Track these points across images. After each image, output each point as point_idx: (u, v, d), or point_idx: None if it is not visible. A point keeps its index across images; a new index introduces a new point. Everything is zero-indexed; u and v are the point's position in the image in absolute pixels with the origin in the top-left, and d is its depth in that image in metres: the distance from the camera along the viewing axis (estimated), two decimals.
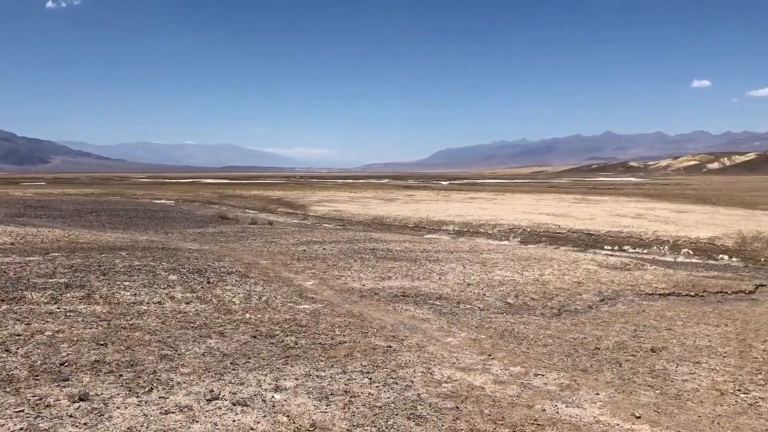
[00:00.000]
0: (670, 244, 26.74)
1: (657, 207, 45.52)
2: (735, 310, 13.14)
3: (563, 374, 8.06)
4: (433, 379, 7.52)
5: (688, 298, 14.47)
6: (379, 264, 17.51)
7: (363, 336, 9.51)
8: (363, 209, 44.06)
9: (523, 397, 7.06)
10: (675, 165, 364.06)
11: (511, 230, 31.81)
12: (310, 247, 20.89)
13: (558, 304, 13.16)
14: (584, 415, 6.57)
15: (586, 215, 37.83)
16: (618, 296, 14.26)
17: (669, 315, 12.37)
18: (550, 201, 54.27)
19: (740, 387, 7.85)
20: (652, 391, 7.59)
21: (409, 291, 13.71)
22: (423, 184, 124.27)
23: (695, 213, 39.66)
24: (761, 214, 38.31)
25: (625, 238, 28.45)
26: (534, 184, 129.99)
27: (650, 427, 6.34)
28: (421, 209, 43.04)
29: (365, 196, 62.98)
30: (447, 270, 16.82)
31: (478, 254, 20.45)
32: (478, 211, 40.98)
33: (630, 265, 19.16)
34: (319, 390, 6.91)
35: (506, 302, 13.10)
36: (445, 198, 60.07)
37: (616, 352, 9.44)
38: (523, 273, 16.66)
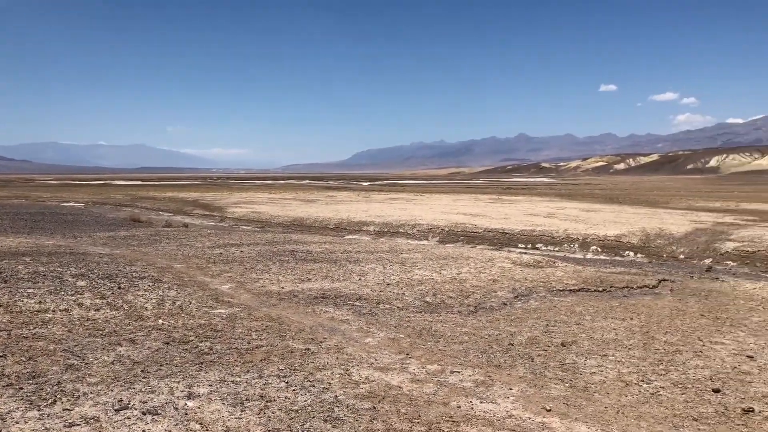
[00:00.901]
0: (580, 241, 27.83)
1: (567, 206, 47.31)
2: (640, 304, 13.78)
3: (478, 370, 8.24)
4: (351, 381, 7.52)
5: (596, 294, 15.07)
6: (299, 266, 17.37)
7: (281, 339, 9.40)
8: (282, 211, 43.63)
9: (440, 395, 7.16)
10: (584, 166, 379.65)
11: (430, 230, 32.29)
12: (227, 250, 20.48)
13: (474, 301, 13.45)
14: (497, 410, 6.74)
15: (501, 215, 38.87)
16: (531, 293, 14.70)
17: (578, 310, 12.86)
18: (467, 201, 55.45)
19: (643, 378, 8.26)
20: (562, 384, 7.87)
21: (328, 292, 13.67)
22: (344, 184, 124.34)
23: (603, 212, 41.46)
24: (663, 212, 40.48)
25: (537, 237, 29.41)
26: (452, 184, 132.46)
27: (560, 419, 6.57)
28: (342, 210, 43.04)
29: (285, 198, 62.39)
30: (367, 270, 16.88)
31: (398, 254, 20.63)
32: (398, 212, 41.36)
33: (542, 262, 19.81)
34: (234, 396, 6.78)
35: (425, 301, 13.27)
36: (365, 199, 60.31)
37: (528, 347, 9.74)
38: (442, 272, 16.93)
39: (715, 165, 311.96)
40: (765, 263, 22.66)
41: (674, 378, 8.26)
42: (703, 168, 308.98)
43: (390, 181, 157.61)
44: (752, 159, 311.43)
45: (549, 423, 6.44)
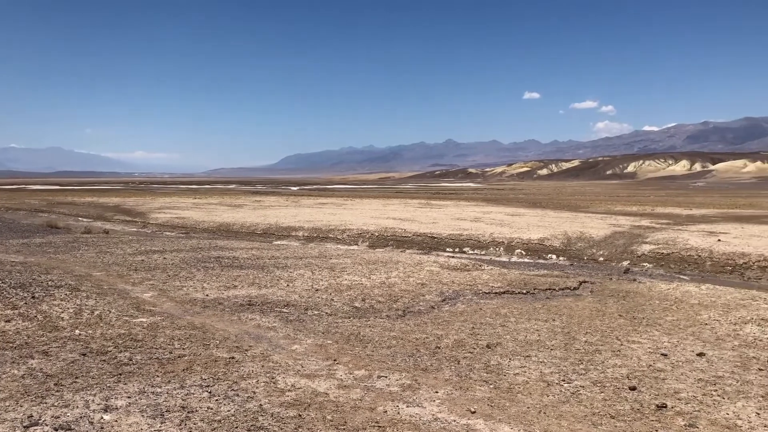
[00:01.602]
0: (505, 245, 28.47)
1: (493, 211, 48.34)
2: (561, 305, 14.18)
3: (405, 374, 8.27)
4: (277, 389, 7.40)
5: (520, 296, 15.42)
6: (225, 273, 17.02)
7: (204, 348, 9.17)
8: (208, 216, 42.73)
9: (366, 400, 7.15)
10: (509, 171, 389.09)
11: (360, 235, 32.31)
12: (149, 257, 19.85)
13: (403, 305, 13.51)
14: (423, 414, 6.78)
15: (429, 219, 39.32)
16: (458, 296, 14.89)
17: (504, 312, 13.12)
18: (397, 206, 55.84)
19: (564, 377, 8.49)
20: (487, 385, 8.00)
21: (255, 299, 13.45)
22: (272, 189, 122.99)
23: (527, 216, 42.58)
24: (584, 216, 41.92)
25: (465, 241, 29.89)
26: (382, 189, 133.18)
27: (484, 421, 6.66)
28: (270, 215, 42.53)
29: (210, 203, 61.12)
30: (295, 276, 16.71)
31: (327, 259, 20.53)
32: (327, 217, 41.20)
33: (469, 266, 20.13)
34: (153, 407, 6.55)
35: (353, 306, 13.23)
36: (294, 204, 59.82)
37: (455, 349, 9.85)
38: (371, 277, 16.94)
39: (632, 170, 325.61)
40: (678, 265, 23.78)
41: (593, 377, 8.53)
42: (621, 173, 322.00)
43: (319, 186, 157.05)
44: (666, 165, 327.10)
45: (474, 425, 6.52)
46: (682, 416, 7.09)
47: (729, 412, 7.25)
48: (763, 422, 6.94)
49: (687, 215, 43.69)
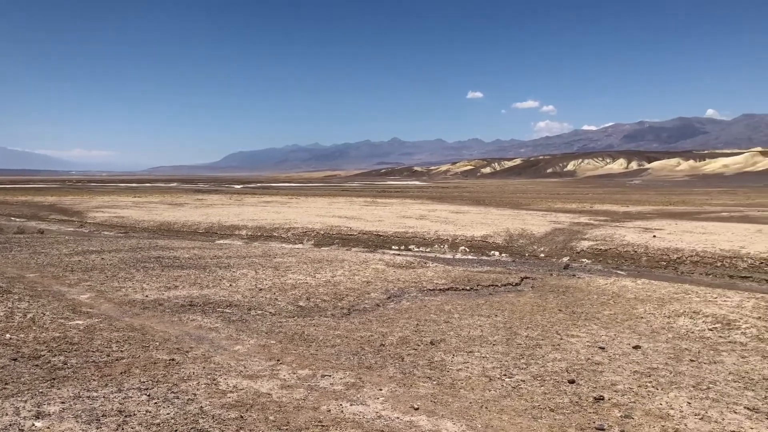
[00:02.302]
0: (450, 242, 28.76)
1: (438, 208, 48.80)
2: (504, 301, 14.42)
3: (349, 373, 8.26)
4: (218, 390, 7.27)
5: (464, 292, 15.60)
6: (165, 273, 16.65)
7: (143, 350, 8.94)
8: (148, 215, 41.71)
9: (310, 400, 7.10)
10: (454, 170, 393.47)
11: (305, 233, 32.10)
12: (86, 257, 19.24)
13: (348, 304, 13.49)
14: (367, 412, 6.78)
15: (375, 217, 39.39)
16: (403, 293, 14.97)
17: (447, 309, 13.25)
18: (343, 204, 55.75)
19: (506, 372, 8.63)
20: (430, 382, 8.06)
21: (197, 300, 13.19)
22: (215, 187, 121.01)
23: (471, 213, 43.14)
24: (526, 214, 42.74)
25: (410, 238, 30.07)
26: (327, 187, 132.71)
27: (427, 417, 6.71)
28: (213, 214, 41.83)
29: (151, 201, 59.70)
30: (239, 276, 16.48)
31: (272, 258, 20.32)
32: (272, 215, 40.79)
33: (414, 263, 20.26)
34: (89, 412, 6.34)
35: (298, 305, 13.13)
36: (237, 202, 58.99)
37: (399, 347, 9.89)
38: (316, 275, 16.85)
39: (572, 169, 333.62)
40: (616, 260, 24.49)
41: (534, 371, 8.70)
42: (561, 172, 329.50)
43: (264, 184, 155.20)
44: (604, 163, 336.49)
45: (417, 421, 6.56)
46: (618, 408, 7.30)
47: (662, 402, 7.50)
48: (693, 411, 7.21)
49: (624, 212, 45.09)
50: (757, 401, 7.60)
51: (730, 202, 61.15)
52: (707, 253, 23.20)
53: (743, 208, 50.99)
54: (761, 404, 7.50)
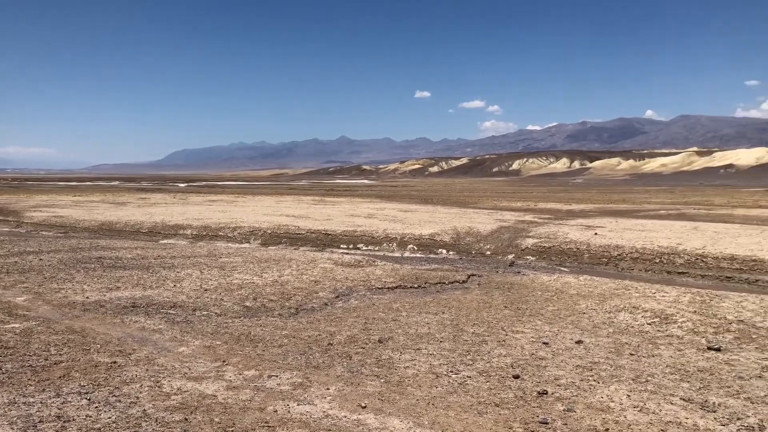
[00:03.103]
0: (398, 240, 28.88)
1: (387, 207, 48.95)
2: (451, 298, 14.57)
3: (296, 373, 8.21)
4: (162, 393, 7.13)
5: (412, 290, 15.70)
6: (107, 273, 16.21)
7: (84, 353, 8.68)
8: (89, 214, 40.51)
9: (256, 401, 7.03)
10: (402, 168, 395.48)
11: (252, 232, 31.72)
12: (23, 258, 18.56)
13: (296, 303, 13.40)
14: (314, 411, 6.75)
15: (324, 216, 39.23)
16: (352, 292, 14.96)
17: (396, 307, 13.31)
18: (291, 203, 55.33)
19: (452, 369, 8.73)
20: (378, 380, 8.08)
21: (140, 301, 12.89)
22: (158, 186, 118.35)
23: (419, 212, 43.42)
24: (473, 212, 43.28)
25: (359, 237, 30.05)
26: (275, 186, 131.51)
27: (374, 415, 6.73)
28: (156, 213, 40.91)
29: (92, 200, 58.00)
30: (183, 276, 16.17)
31: (217, 258, 20.02)
32: (218, 214, 40.16)
33: (363, 262, 20.27)
34: (25, 419, 6.13)
35: (244, 306, 12.98)
36: (182, 201, 57.86)
37: (347, 346, 9.88)
38: (263, 275, 16.68)
39: (517, 168, 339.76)
40: (559, 257, 25.03)
41: (480, 367, 8.82)
42: (507, 171, 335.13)
43: (209, 183, 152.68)
44: (548, 163, 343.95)
45: (364, 420, 6.57)
46: (561, 401, 7.47)
47: (603, 395, 7.72)
48: (633, 403, 7.44)
49: (567, 210, 46.14)
50: (691, 392, 7.90)
51: (668, 201, 63.31)
52: (646, 250, 23.94)
53: (680, 206, 52.84)
54: (695, 395, 7.79)
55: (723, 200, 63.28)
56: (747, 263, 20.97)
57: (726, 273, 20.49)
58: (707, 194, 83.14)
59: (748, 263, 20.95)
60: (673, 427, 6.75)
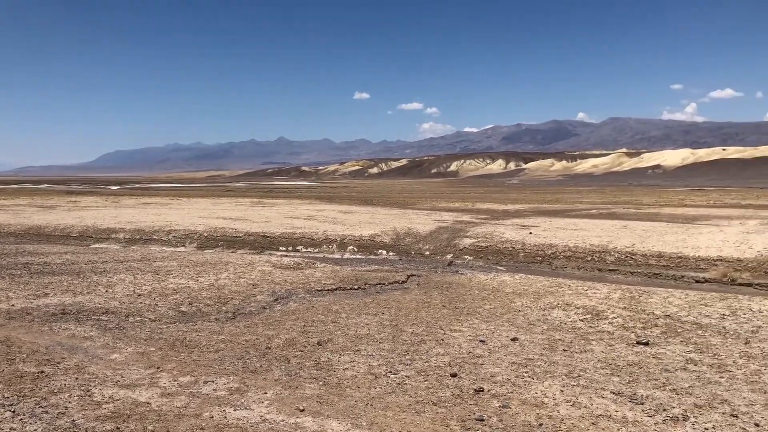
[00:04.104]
0: (338, 242, 28.84)
1: (327, 209, 48.76)
2: (390, 299, 14.66)
3: (233, 378, 8.09)
4: (93, 402, 6.91)
5: (352, 292, 15.71)
6: (34, 279, 15.58)
7: (8, 363, 8.32)
8: (15, 218, 38.82)
9: (191, 407, 6.89)
10: (342, 170, 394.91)
11: (188, 236, 31.07)
12: None
13: (233, 307, 13.21)
14: (251, 416, 6.68)
15: (262, 218, 38.77)
16: (290, 295, 14.85)
17: (335, 308, 13.29)
18: (228, 205, 54.44)
19: (391, 369, 8.78)
20: (317, 382, 8.06)
21: (69, 308, 12.45)
22: (89, 189, 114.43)
23: (359, 213, 43.44)
24: (412, 213, 43.60)
25: (298, 239, 29.85)
26: (211, 188, 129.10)
27: (312, 418, 6.71)
28: (87, 217, 39.57)
29: (18, 204, 55.61)
30: (116, 281, 15.71)
31: (151, 262, 19.53)
32: (152, 217, 39.14)
33: (302, 264, 20.15)
34: None
35: (180, 311, 12.71)
36: (114, 204, 56.13)
37: (285, 349, 9.81)
38: (199, 279, 16.38)
39: (454, 169, 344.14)
40: (496, 256, 25.50)
41: (418, 366, 8.91)
42: (445, 172, 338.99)
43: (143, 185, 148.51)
44: (485, 164, 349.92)
45: (302, 423, 6.54)
46: (497, 398, 7.62)
47: (538, 391, 7.92)
48: (566, 398, 7.66)
49: (503, 210, 47.05)
50: (621, 386, 8.19)
51: (599, 200, 65.36)
52: (579, 248, 24.66)
53: (610, 205, 54.63)
54: (625, 388, 8.08)
55: (651, 200, 65.80)
56: (673, 260, 21.87)
57: (654, 270, 21.31)
58: (636, 194, 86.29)
59: (674, 260, 21.85)
60: (603, 420, 6.98)
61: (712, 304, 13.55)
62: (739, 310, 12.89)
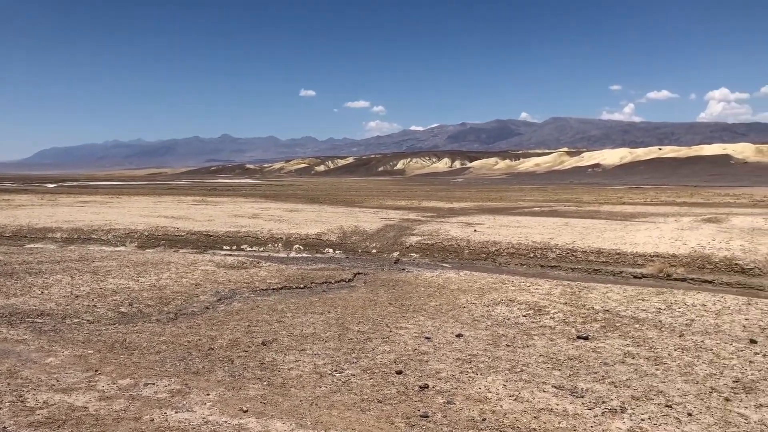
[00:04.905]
0: (284, 241, 28.58)
1: (272, 207, 48.27)
2: (337, 297, 14.61)
3: (175, 379, 7.92)
4: (26, 408, 6.65)
5: (298, 291, 15.59)
6: None
7: None
8: None
9: (131, 410, 6.71)
10: (288, 167, 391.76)
11: (128, 235, 30.26)
12: None
13: (175, 308, 12.94)
14: (193, 418, 6.55)
15: (205, 217, 38.08)
16: (235, 294, 14.64)
17: (280, 308, 13.16)
18: (170, 203, 53.28)
19: (337, 368, 8.75)
20: (261, 383, 7.96)
21: (2, 310, 11.98)
22: (24, 186, 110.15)
23: (305, 211, 43.16)
24: (359, 211, 43.58)
25: (242, 238, 29.44)
26: (153, 186, 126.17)
27: (256, 419, 6.62)
28: (22, 216, 38.08)
29: None
30: (52, 282, 15.17)
31: (90, 263, 18.95)
32: (90, 216, 37.95)
33: (247, 263, 19.89)
34: None
35: (119, 312, 12.37)
36: (51, 202, 54.20)
37: (229, 349, 9.66)
38: (139, 279, 15.98)
39: (401, 168, 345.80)
40: (441, 254, 25.74)
41: (364, 365, 8.91)
42: (391, 170, 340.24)
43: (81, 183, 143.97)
44: (431, 162, 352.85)
45: (245, 424, 6.45)
46: (441, 394, 7.69)
47: (481, 386, 8.02)
48: (509, 393, 7.79)
49: (449, 208, 47.53)
50: (562, 380, 8.38)
51: (541, 198, 66.77)
52: (522, 245, 25.11)
53: (552, 203, 55.87)
54: (566, 382, 8.27)
55: (591, 197, 67.61)
56: (612, 256, 22.50)
57: (594, 266, 21.89)
58: (577, 192, 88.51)
59: (613, 256, 22.49)
60: (545, 414, 7.13)
61: (648, 299, 14.01)
62: (674, 304, 13.36)
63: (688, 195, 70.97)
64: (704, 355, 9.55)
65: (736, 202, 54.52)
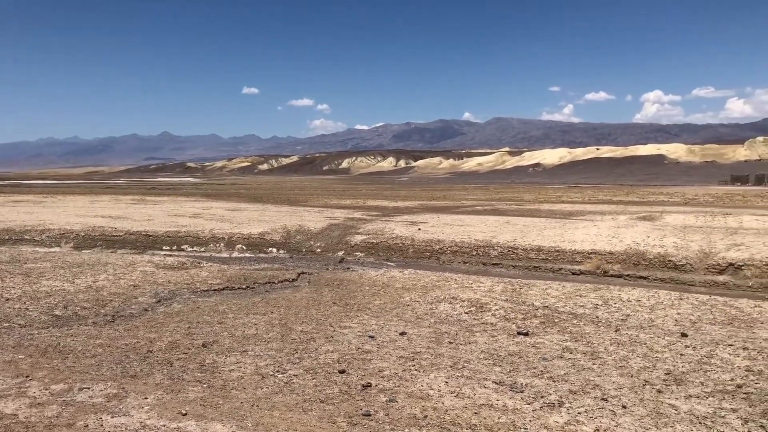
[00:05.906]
0: (226, 240, 28.16)
1: (214, 206, 47.47)
2: (280, 297, 14.48)
3: (111, 383, 7.71)
4: None
5: (240, 291, 15.38)
6: None
7: None
8: None
9: (64, 416, 6.50)
10: (230, 166, 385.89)
11: (63, 235, 29.26)
12: None
13: (112, 310, 12.59)
14: (130, 423, 6.39)
15: (144, 216, 37.17)
16: (174, 296, 14.34)
17: (222, 309, 12.96)
18: (107, 203, 51.78)
19: (279, 368, 8.68)
20: (200, 385, 7.82)
21: None
22: None
23: (248, 211, 42.61)
24: (303, 210, 43.31)
25: (183, 238, 28.87)
26: (89, 185, 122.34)
27: (195, 422, 6.51)
28: None
29: None
30: None
31: (22, 264, 18.25)
32: (23, 216, 36.53)
33: (187, 263, 19.51)
34: None
35: (53, 315, 11.95)
36: None
37: (168, 352, 9.46)
38: (75, 281, 15.47)
39: (346, 166, 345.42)
40: (386, 252, 25.84)
41: (307, 365, 8.86)
42: (336, 169, 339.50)
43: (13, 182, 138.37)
44: (375, 161, 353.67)
45: (185, 427, 6.33)
46: (384, 393, 7.72)
47: (424, 384, 8.09)
48: (450, 390, 7.88)
49: (393, 207, 47.72)
50: (503, 375, 8.53)
51: (484, 197, 67.78)
52: (465, 244, 25.44)
53: (494, 202, 56.76)
54: (506, 378, 8.43)
55: (531, 196, 69.02)
56: (551, 253, 23.04)
57: (534, 263, 22.36)
58: (518, 191, 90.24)
59: (553, 253, 23.02)
60: (485, 410, 7.25)
61: (586, 295, 14.41)
62: (611, 300, 13.78)
63: (625, 194, 73.26)
64: (638, 349, 9.89)
65: (670, 200, 56.60)
